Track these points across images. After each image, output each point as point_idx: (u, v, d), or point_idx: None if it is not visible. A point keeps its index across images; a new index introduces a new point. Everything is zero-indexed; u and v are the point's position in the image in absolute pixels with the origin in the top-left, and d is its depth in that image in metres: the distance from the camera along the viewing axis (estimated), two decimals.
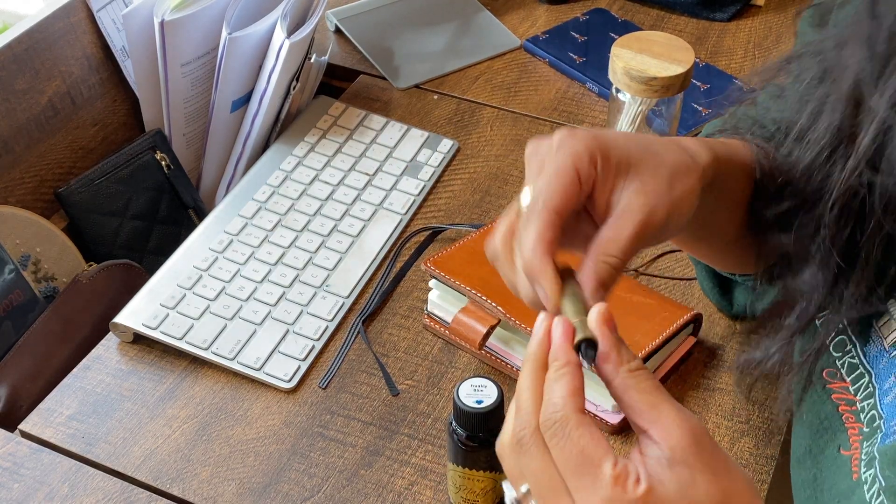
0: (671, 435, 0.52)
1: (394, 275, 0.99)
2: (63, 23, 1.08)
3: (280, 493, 0.82)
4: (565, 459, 0.52)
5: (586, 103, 1.20)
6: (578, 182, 0.60)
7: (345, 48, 1.28)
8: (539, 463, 0.53)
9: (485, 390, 0.73)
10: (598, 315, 0.55)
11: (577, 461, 0.52)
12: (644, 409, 0.53)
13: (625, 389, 0.54)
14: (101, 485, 0.82)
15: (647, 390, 0.53)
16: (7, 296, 0.96)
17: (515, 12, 1.34)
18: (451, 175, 1.11)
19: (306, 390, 0.90)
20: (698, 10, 1.33)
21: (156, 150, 1.12)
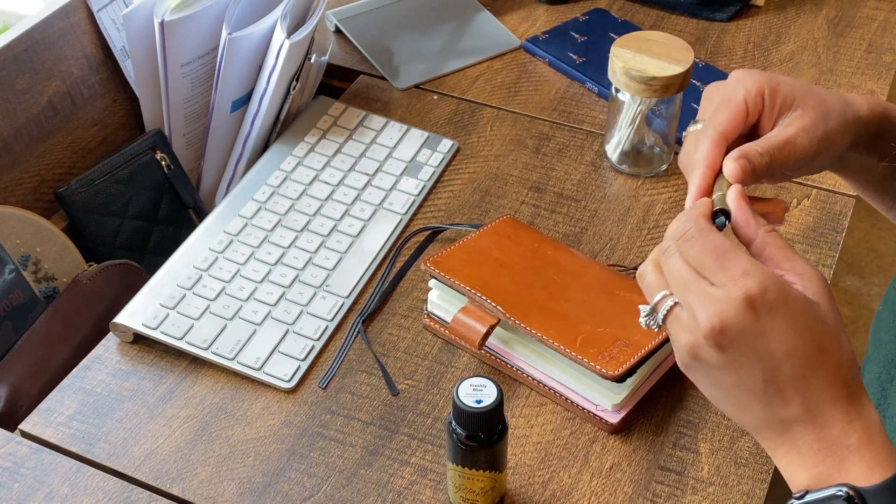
0: (804, 276, 0.63)
1: (394, 275, 0.99)
2: (63, 23, 1.08)
3: (280, 493, 0.82)
4: (703, 254, 0.62)
5: (586, 103, 1.20)
6: (746, 111, 0.73)
7: (345, 48, 1.28)
8: (676, 262, 0.63)
9: (484, 390, 0.73)
10: (735, 191, 0.67)
11: (714, 254, 0.61)
12: (781, 259, 0.63)
13: (763, 246, 0.64)
14: (101, 485, 0.82)
15: (782, 246, 0.64)
16: (7, 296, 0.96)
17: (515, 12, 1.34)
18: (450, 175, 1.11)
19: (306, 390, 0.90)
20: (698, 10, 1.33)
21: (156, 151, 1.12)
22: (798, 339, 0.60)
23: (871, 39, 1.30)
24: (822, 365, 0.61)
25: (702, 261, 0.62)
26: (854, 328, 2.09)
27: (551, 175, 1.10)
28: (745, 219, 0.65)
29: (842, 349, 0.62)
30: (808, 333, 0.61)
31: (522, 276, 0.91)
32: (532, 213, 1.06)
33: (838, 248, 1.02)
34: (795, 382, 0.61)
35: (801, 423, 0.61)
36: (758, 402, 0.62)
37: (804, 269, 0.63)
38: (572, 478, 0.83)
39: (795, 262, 0.63)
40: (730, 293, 0.60)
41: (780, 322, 0.60)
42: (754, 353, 0.60)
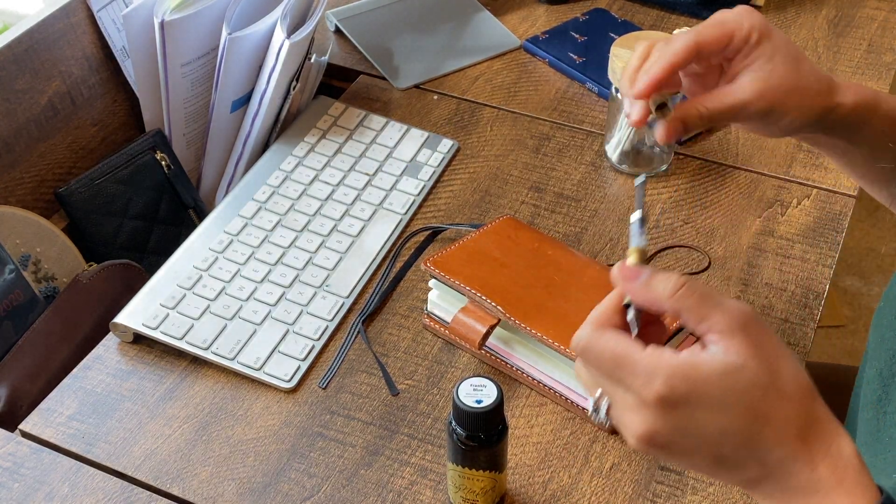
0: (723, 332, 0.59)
1: (394, 275, 0.99)
2: (63, 23, 1.08)
3: (280, 493, 0.82)
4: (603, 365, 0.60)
5: (586, 103, 1.20)
6: (729, 38, 0.76)
7: (345, 48, 1.28)
8: (586, 373, 0.62)
9: (484, 390, 0.73)
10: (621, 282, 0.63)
11: (612, 363, 0.59)
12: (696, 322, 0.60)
13: (676, 315, 0.60)
14: (101, 485, 0.82)
15: (693, 306, 0.60)
16: (7, 296, 0.96)
17: (515, 12, 1.34)
18: (450, 175, 1.11)
19: (306, 390, 0.90)
20: (698, 10, 1.33)
21: (156, 151, 1.12)
22: (725, 417, 0.58)
23: (871, 39, 1.30)
24: (764, 427, 0.59)
25: (606, 370, 0.60)
26: (854, 328, 2.09)
27: (551, 175, 1.10)
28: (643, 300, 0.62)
29: (783, 398, 0.59)
30: (735, 407, 0.58)
31: (522, 276, 0.91)
32: (532, 213, 1.06)
33: (838, 248, 1.02)
34: (744, 452, 0.59)
35: (765, 479, 0.60)
36: (717, 473, 0.61)
37: (722, 324, 0.59)
38: (572, 478, 0.83)
39: (712, 320, 0.59)
40: (643, 401, 0.59)
41: (699, 410, 0.58)
42: (691, 443, 0.59)
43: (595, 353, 0.60)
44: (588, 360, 0.61)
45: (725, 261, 1.01)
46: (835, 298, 2.15)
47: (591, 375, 0.62)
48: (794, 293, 0.98)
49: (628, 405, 0.60)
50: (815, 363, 1.17)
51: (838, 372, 1.20)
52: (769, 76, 0.77)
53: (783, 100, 0.77)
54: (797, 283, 0.99)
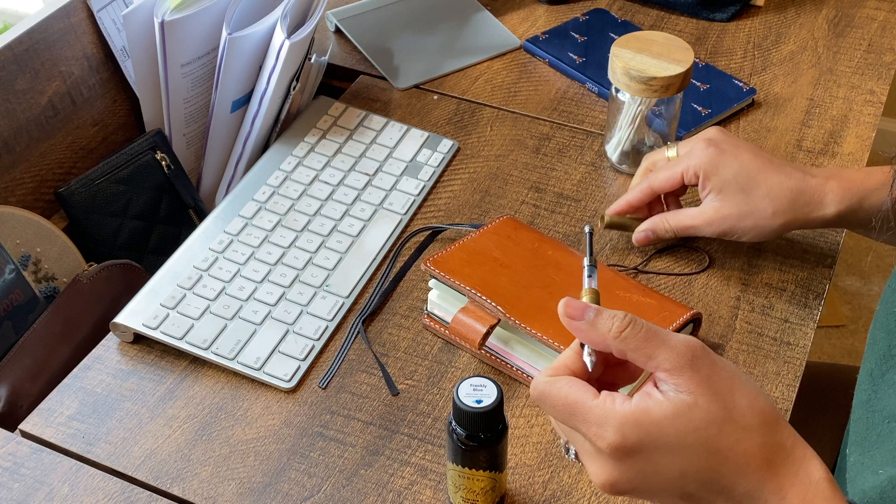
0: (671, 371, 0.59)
1: (394, 275, 0.99)
2: (63, 23, 1.08)
3: (280, 493, 0.82)
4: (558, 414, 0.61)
5: (586, 103, 1.20)
6: (680, 180, 0.96)
7: (345, 48, 1.28)
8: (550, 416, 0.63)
9: (484, 390, 0.73)
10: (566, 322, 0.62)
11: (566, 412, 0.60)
12: (643, 361, 0.60)
13: (622, 355, 0.60)
14: (101, 485, 0.82)
15: (638, 346, 0.59)
16: (7, 296, 0.96)
17: (515, 12, 1.34)
18: (450, 175, 1.11)
19: (306, 390, 0.90)
20: (698, 10, 1.33)
21: (156, 151, 1.12)
22: (682, 458, 0.58)
23: (871, 39, 1.30)
24: (724, 463, 0.58)
25: (561, 418, 0.61)
26: (854, 328, 2.09)
27: (551, 175, 1.10)
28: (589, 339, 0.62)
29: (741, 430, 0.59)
30: (691, 448, 0.58)
31: (522, 276, 0.91)
32: (532, 213, 1.06)
33: (838, 248, 1.02)
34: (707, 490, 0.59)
35: None
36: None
37: (669, 362, 0.59)
38: (572, 478, 0.83)
39: (658, 358, 0.59)
40: (597, 451, 0.59)
41: (655, 455, 0.58)
42: (653, 484, 0.59)
43: (549, 402, 0.61)
44: (545, 408, 0.62)
45: (725, 261, 1.01)
46: (835, 298, 2.15)
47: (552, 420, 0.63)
48: (794, 293, 0.98)
49: (587, 451, 0.61)
50: (815, 363, 1.18)
51: (838, 372, 1.20)
52: (720, 207, 0.94)
53: (735, 224, 0.94)
54: (797, 283, 0.99)
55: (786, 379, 0.90)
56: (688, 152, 0.96)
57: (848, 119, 1.18)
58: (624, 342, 0.60)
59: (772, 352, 0.93)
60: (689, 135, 1.14)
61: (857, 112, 1.19)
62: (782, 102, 1.20)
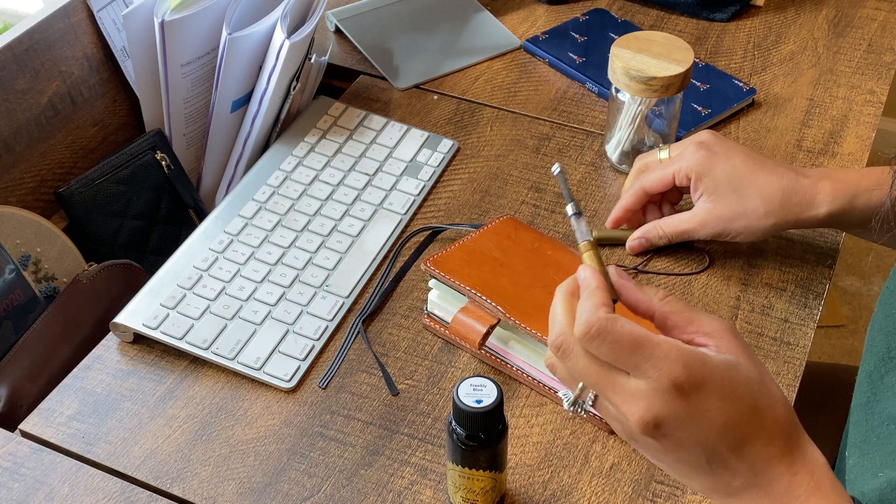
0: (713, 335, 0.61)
1: (394, 275, 0.99)
2: (63, 23, 1.08)
3: (280, 493, 0.82)
4: (616, 349, 0.59)
5: (586, 103, 1.20)
6: (672, 182, 0.96)
7: (345, 48, 1.28)
8: (584, 362, 0.61)
9: (484, 390, 0.73)
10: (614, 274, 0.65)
11: (630, 347, 0.59)
12: (685, 324, 0.62)
13: (665, 316, 0.63)
14: (101, 485, 0.82)
15: (682, 309, 0.63)
16: (7, 296, 0.96)
17: (515, 12, 1.34)
18: (450, 175, 1.11)
19: (306, 390, 0.90)
20: (698, 10, 1.33)
21: (156, 151, 1.12)
22: (731, 409, 0.60)
23: (871, 39, 1.30)
24: (759, 426, 0.61)
25: (615, 356, 0.60)
26: (854, 328, 2.09)
27: (551, 175, 1.10)
28: (635, 298, 0.64)
29: (773, 399, 0.62)
30: (740, 400, 0.60)
31: (522, 276, 0.91)
32: (532, 213, 1.06)
33: (838, 248, 1.02)
34: (737, 451, 0.60)
35: (748, 487, 0.61)
36: (703, 475, 0.62)
37: (712, 327, 0.62)
38: (572, 478, 0.83)
39: (701, 323, 0.62)
40: (656, 384, 0.59)
41: (710, 399, 0.59)
42: (691, 435, 0.60)
43: (613, 336, 0.59)
44: (602, 342, 0.60)
45: (725, 261, 1.01)
46: (835, 298, 2.15)
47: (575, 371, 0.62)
48: (794, 293, 0.98)
49: (635, 392, 0.60)
50: (815, 363, 1.18)
51: (838, 372, 1.20)
52: (713, 208, 0.94)
53: (728, 225, 0.94)
54: (797, 283, 0.99)
55: (786, 379, 0.90)
56: (679, 154, 0.96)
57: (848, 119, 1.18)
58: (668, 304, 0.63)
59: (772, 352, 0.93)
60: (688, 135, 1.14)
61: (857, 112, 1.19)
62: (782, 102, 1.20)
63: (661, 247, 1.02)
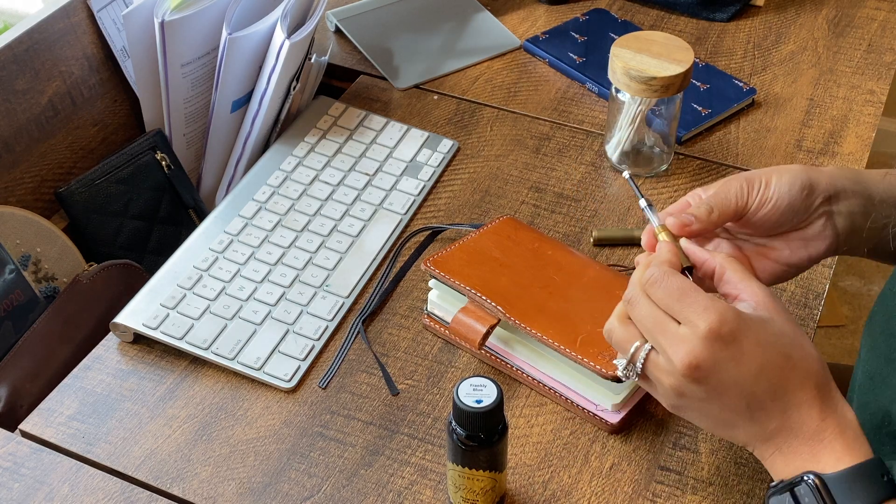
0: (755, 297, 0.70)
1: (394, 275, 0.99)
2: (63, 23, 1.08)
3: (280, 493, 0.82)
4: (668, 296, 0.68)
5: (586, 103, 1.20)
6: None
7: (345, 48, 1.28)
8: (644, 307, 0.69)
9: (484, 390, 0.73)
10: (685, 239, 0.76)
11: (677, 294, 0.68)
12: (737, 281, 0.71)
13: (723, 271, 0.72)
14: (101, 485, 0.82)
15: (738, 269, 0.72)
16: (7, 296, 0.96)
17: (515, 12, 1.34)
18: (451, 175, 1.11)
19: (306, 390, 0.90)
20: (698, 10, 1.33)
21: (156, 151, 1.12)
22: (764, 354, 0.67)
23: (871, 39, 1.30)
24: (792, 371, 0.68)
25: (667, 302, 0.68)
26: (854, 328, 2.09)
27: (551, 175, 1.10)
28: (702, 257, 0.74)
29: (806, 354, 0.69)
30: (772, 347, 0.67)
31: (522, 276, 0.91)
32: (532, 213, 1.06)
33: None
34: (773, 393, 0.67)
35: (782, 430, 0.68)
36: (745, 421, 0.69)
37: (756, 291, 0.70)
38: (572, 478, 0.83)
39: (750, 285, 0.71)
40: (695, 330, 0.67)
41: (745, 344, 0.67)
42: (731, 378, 0.67)
43: (663, 285, 0.69)
44: (655, 290, 0.69)
45: None
46: (835, 298, 2.15)
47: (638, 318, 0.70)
48: (794, 293, 0.98)
49: (681, 336, 0.67)
50: None
51: (838, 372, 1.20)
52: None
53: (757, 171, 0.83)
54: (797, 283, 0.99)
55: None
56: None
57: (848, 119, 1.18)
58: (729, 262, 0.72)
59: None
60: (688, 134, 1.14)
61: (857, 112, 1.19)
62: (782, 102, 1.20)
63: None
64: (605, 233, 1.02)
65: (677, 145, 1.14)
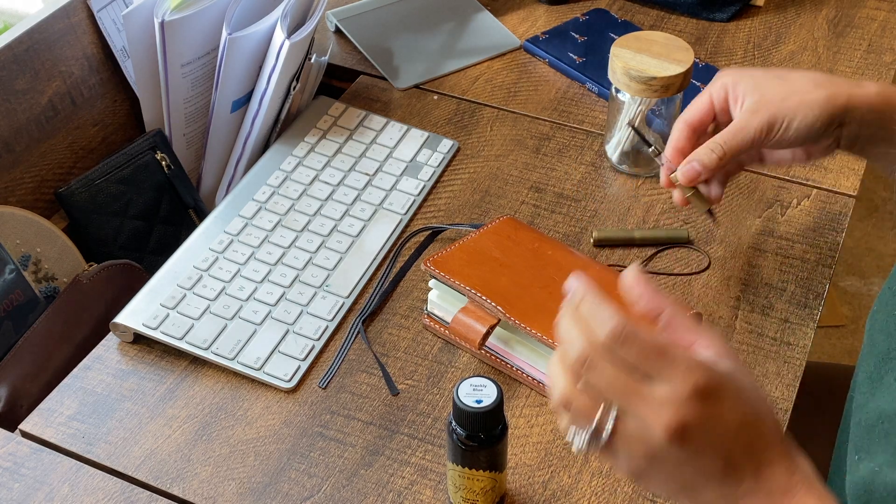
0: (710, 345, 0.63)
1: (394, 275, 0.99)
2: (63, 23, 1.08)
3: (280, 493, 0.82)
4: (644, 357, 0.60)
5: (586, 103, 1.20)
6: (710, 104, 0.88)
7: (345, 48, 1.28)
8: (611, 370, 0.60)
9: (484, 390, 0.73)
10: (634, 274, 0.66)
11: (656, 353, 0.60)
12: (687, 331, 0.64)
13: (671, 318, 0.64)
14: (101, 485, 0.82)
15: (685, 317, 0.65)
16: (7, 296, 0.96)
17: (515, 12, 1.34)
18: (451, 175, 1.11)
19: (306, 390, 0.90)
20: (698, 10, 1.33)
21: (156, 151, 1.12)
22: (741, 411, 0.62)
23: (871, 39, 1.30)
24: (763, 426, 0.63)
25: (643, 359, 0.60)
26: (854, 328, 2.09)
27: (551, 175, 1.11)
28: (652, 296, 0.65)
29: (768, 407, 0.64)
30: (747, 403, 0.62)
31: (522, 276, 0.91)
32: (532, 213, 1.06)
33: (838, 248, 1.02)
34: (749, 451, 0.62)
35: (753, 490, 0.62)
36: (716, 483, 0.62)
37: (713, 339, 0.64)
38: (572, 478, 0.83)
39: (700, 332, 0.64)
40: (678, 389, 0.60)
41: (725, 402, 0.61)
42: (714, 438, 0.61)
43: (639, 342, 0.60)
44: (632, 345, 0.60)
45: (725, 261, 1.01)
46: (835, 298, 2.15)
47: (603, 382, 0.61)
48: (794, 293, 0.98)
49: (662, 398, 0.60)
50: (815, 363, 1.17)
51: (838, 372, 1.20)
52: (760, 96, 0.86)
53: (780, 107, 0.85)
54: (797, 283, 0.99)
55: (786, 379, 0.90)
56: (711, 81, 0.91)
57: None
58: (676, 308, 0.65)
59: (772, 352, 0.93)
60: None
61: None
62: None
63: (664, 246, 1.02)
64: (605, 233, 1.02)
65: None
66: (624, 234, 1.02)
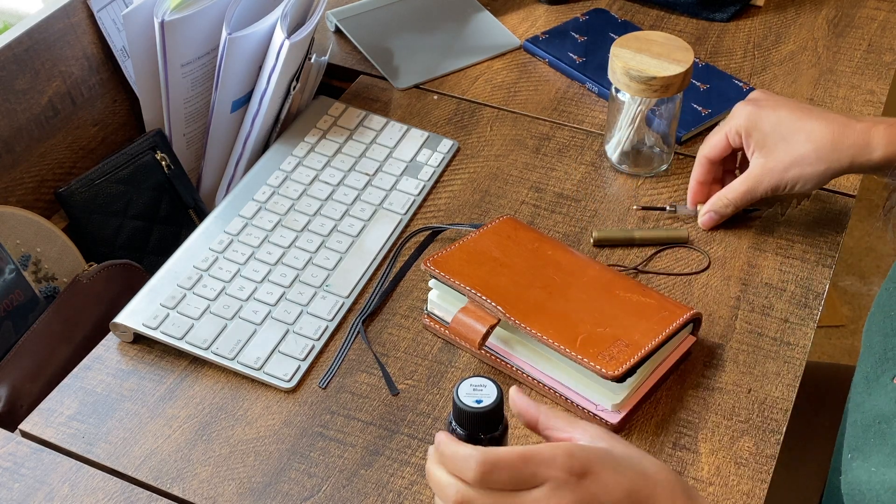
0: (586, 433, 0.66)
1: (394, 275, 0.99)
2: (63, 23, 1.08)
3: (280, 493, 0.82)
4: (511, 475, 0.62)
5: (586, 103, 1.20)
6: (727, 143, 0.99)
7: (345, 48, 1.28)
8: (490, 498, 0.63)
9: (484, 390, 0.73)
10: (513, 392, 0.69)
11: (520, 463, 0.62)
12: (566, 424, 0.67)
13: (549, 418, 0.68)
14: (101, 485, 0.82)
15: (562, 414, 0.68)
16: (7, 296, 0.96)
17: (515, 12, 1.34)
18: (450, 175, 1.11)
19: (306, 390, 0.90)
20: (698, 10, 1.33)
21: (156, 151, 1.12)
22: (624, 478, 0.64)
23: (871, 39, 1.30)
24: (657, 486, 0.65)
25: (513, 477, 0.62)
26: (854, 328, 2.09)
27: (551, 175, 1.11)
28: (525, 404, 0.68)
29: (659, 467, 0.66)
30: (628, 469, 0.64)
31: (522, 276, 0.91)
32: (532, 213, 1.06)
33: (838, 248, 1.02)
34: None
35: None
36: None
37: (587, 427, 0.67)
38: None
39: (580, 423, 0.67)
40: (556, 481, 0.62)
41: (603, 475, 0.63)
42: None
43: (503, 463, 0.62)
44: (500, 471, 0.62)
45: (725, 261, 1.01)
46: (835, 298, 2.15)
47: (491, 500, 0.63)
48: (794, 293, 0.98)
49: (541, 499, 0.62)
50: (815, 363, 1.18)
51: (838, 372, 1.20)
52: (765, 161, 0.96)
53: (782, 176, 0.95)
54: (797, 283, 0.99)
55: (786, 379, 0.90)
56: (730, 115, 0.99)
57: None
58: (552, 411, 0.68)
59: (772, 352, 0.93)
60: (688, 134, 1.14)
61: (857, 112, 1.19)
62: None
63: (664, 246, 1.02)
64: (605, 233, 1.02)
65: (677, 145, 1.14)
66: (624, 234, 1.02)
